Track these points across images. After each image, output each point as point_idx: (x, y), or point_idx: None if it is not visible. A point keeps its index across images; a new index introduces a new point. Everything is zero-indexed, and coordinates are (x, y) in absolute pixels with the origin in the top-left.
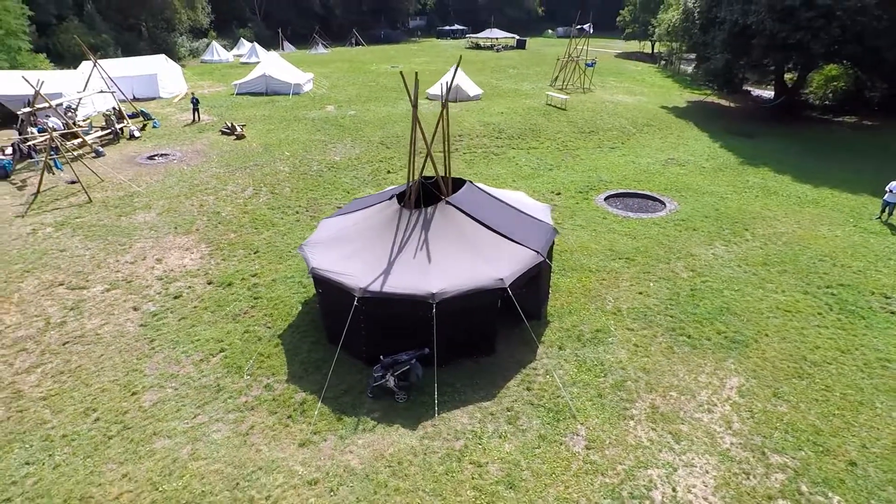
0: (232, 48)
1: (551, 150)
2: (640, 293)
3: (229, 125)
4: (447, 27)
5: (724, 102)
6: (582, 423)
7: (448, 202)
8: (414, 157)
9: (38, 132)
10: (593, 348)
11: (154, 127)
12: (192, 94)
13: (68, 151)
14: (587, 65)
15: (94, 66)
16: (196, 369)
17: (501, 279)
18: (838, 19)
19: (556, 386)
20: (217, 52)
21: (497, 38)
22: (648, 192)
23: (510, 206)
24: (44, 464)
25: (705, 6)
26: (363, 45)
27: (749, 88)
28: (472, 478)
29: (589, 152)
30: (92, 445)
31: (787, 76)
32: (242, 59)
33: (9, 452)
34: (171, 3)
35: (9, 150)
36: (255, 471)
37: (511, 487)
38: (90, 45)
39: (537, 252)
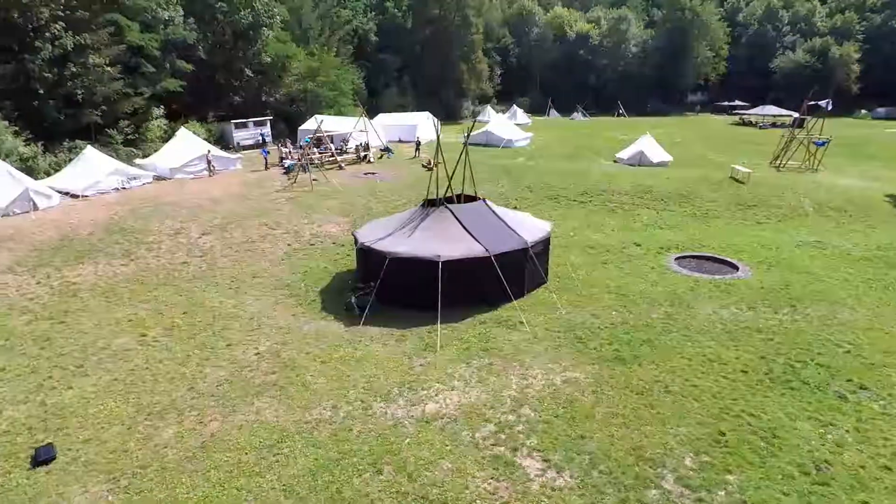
0: (504, 112)
1: (684, 215)
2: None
3: (427, 163)
4: (726, 102)
5: None
6: (427, 356)
7: (446, 206)
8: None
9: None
10: (505, 330)
11: (388, 157)
12: (418, 138)
13: (321, 164)
14: (817, 143)
15: (362, 116)
16: (289, 276)
17: (439, 255)
18: None
19: (449, 340)
20: (489, 114)
21: (767, 116)
22: (726, 258)
23: (503, 221)
24: (203, 292)
25: None
26: (625, 115)
27: None
28: (344, 352)
29: (726, 221)
30: (232, 288)
31: None
32: (518, 121)
33: (204, 290)
34: (463, 78)
35: (288, 162)
36: (266, 318)
37: (361, 362)
38: (398, 105)
39: (485, 249)
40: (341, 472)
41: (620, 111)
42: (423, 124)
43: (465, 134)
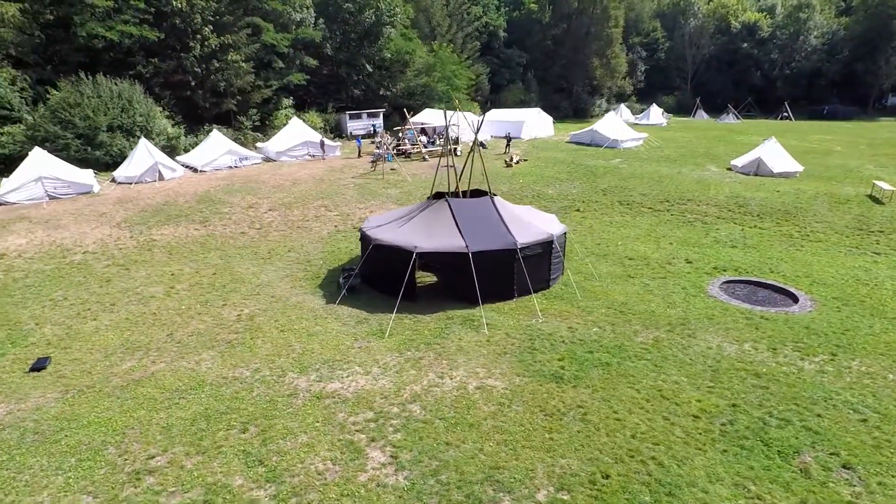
0: (639, 112)
1: (776, 234)
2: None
3: (510, 159)
4: None
5: None
6: (370, 341)
7: (446, 200)
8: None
9: (409, 141)
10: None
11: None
12: (509, 133)
13: (403, 153)
14: None
15: (455, 112)
16: (316, 253)
17: (416, 246)
18: None
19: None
20: (621, 113)
21: None
22: (790, 288)
23: (502, 219)
24: (240, 259)
25: None
26: (790, 118)
27: None
28: (304, 325)
29: (828, 247)
30: (264, 258)
31: None
32: (632, 121)
33: (242, 257)
34: (596, 74)
35: (377, 151)
36: (269, 286)
37: (312, 336)
38: (521, 101)
39: (466, 247)
40: (215, 424)
41: (785, 113)
42: (531, 121)
43: (475, 131)
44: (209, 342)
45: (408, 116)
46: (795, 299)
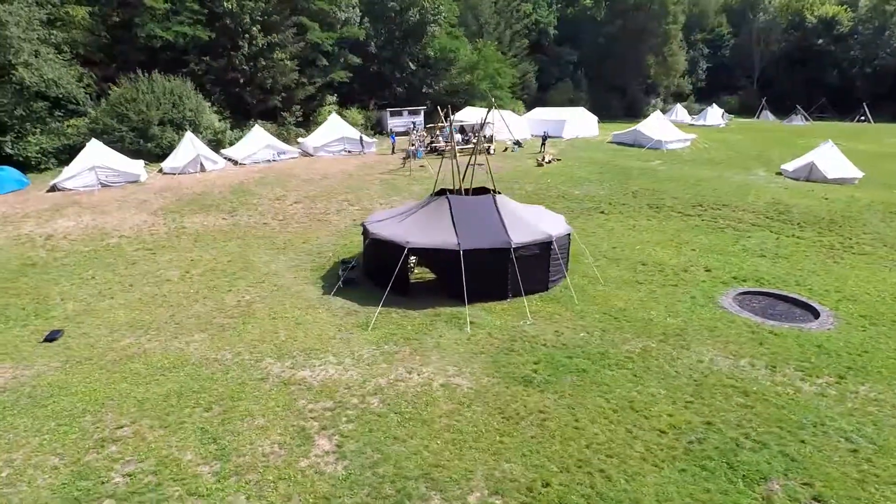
0: (697, 113)
1: (815, 245)
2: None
3: (542, 158)
4: None
5: None
6: (353, 333)
7: (446, 196)
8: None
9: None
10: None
11: (513, 151)
12: (545, 132)
13: (436, 151)
14: None
15: (489, 110)
16: (329, 246)
17: (408, 241)
18: None
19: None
20: (676, 113)
21: None
22: (814, 303)
23: (500, 218)
24: (257, 248)
25: None
26: (868, 121)
27: None
28: (295, 314)
29: (872, 261)
30: (278, 249)
31: None
32: (688, 121)
33: (259, 247)
34: (651, 72)
35: (409, 148)
36: (274, 276)
37: (299, 325)
38: (569, 100)
39: (458, 244)
40: (185, 401)
41: (863, 116)
42: (573, 120)
43: (480, 128)
44: (204, 325)
45: (440, 114)
46: (816, 315)
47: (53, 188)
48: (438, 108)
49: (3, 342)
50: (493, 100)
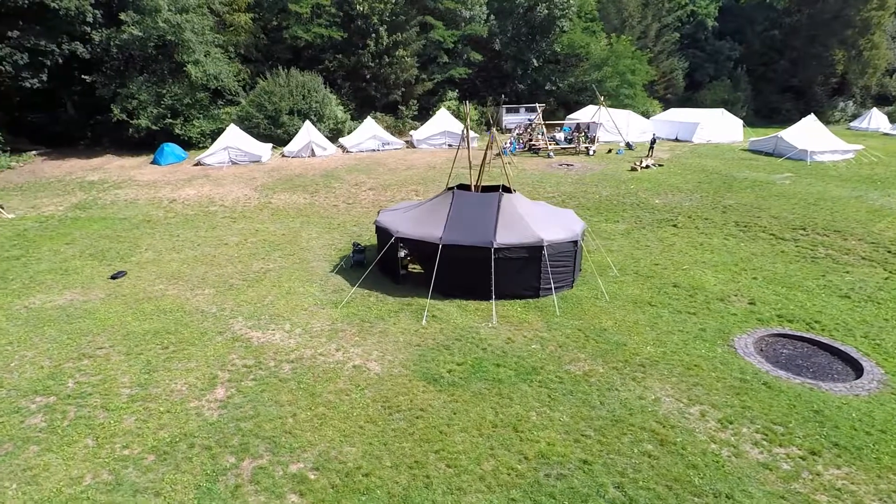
0: None
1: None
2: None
3: (639, 163)
4: None
5: None
6: (326, 308)
7: (453, 192)
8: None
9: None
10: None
11: (618, 154)
12: (654, 135)
13: (533, 149)
14: None
15: (599, 109)
16: (365, 230)
17: (398, 231)
18: None
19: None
20: (872, 120)
21: None
22: (864, 357)
23: (497, 217)
24: (310, 225)
25: None
26: None
27: None
28: (291, 285)
29: None
30: (325, 228)
31: None
32: (884, 129)
33: (312, 224)
34: (837, 70)
35: (504, 145)
36: (301, 250)
37: (288, 294)
38: (723, 100)
39: (440, 238)
40: (157, 338)
41: None
42: (708, 123)
43: (491, 134)
44: (219, 283)
45: (538, 111)
46: (860, 372)
47: (198, 163)
48: (538, 106)
49: (87, 274)
50: (601, 98)
